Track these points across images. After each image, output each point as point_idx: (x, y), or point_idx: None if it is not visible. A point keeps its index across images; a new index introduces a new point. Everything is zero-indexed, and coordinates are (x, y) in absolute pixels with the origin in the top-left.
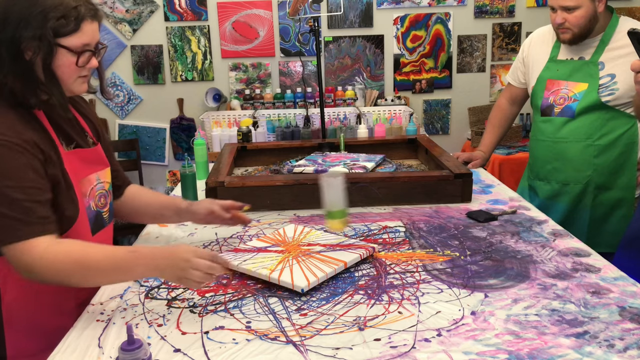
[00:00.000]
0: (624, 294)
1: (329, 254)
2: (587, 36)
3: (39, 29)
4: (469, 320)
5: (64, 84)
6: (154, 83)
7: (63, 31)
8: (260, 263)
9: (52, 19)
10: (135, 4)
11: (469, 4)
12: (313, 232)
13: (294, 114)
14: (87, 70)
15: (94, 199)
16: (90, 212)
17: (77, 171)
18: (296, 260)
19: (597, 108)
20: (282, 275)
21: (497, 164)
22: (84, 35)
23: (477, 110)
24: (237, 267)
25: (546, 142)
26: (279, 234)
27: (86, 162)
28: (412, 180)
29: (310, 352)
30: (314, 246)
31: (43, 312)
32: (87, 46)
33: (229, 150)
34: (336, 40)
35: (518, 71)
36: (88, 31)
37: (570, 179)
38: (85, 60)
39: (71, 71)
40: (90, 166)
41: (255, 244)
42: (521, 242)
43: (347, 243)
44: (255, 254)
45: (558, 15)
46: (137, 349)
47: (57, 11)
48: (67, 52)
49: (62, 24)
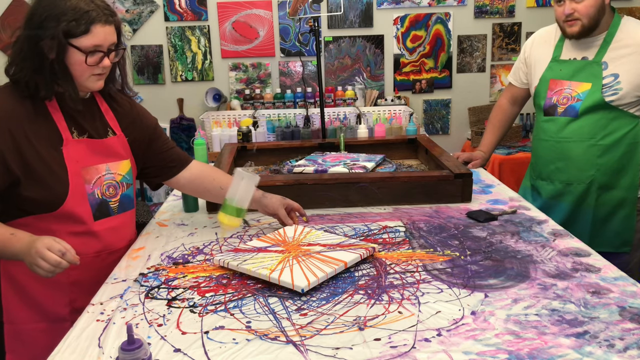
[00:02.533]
0: (624, 294)
1: (329, 254)
2: (594, 29)
3: (53, 29)
4: (469, 320)
5: (77, 80)
6: (154, 83)
7: (74, 32)
8: (260, 263)
9: (65, 21)
10: (135, 4)
11: (469, 4)
12: (313, 232)
13: (294, 114)
14: (100, 69)
15: (100, 187)
16: (94, 199)
17: (82, 158)
18: (296, 260)
19: (600, 108)
20: (282, 275)
21: (497, 164)
22: (94, 37)
23: (477, 110)
24: (237, 268)
25: (549, 141)
26: (279, 234)
27: (96, 152)
28: (412, 180)
29: (310, 352)
30: (314, 246)
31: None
32: (97, 47)
33: (229, 150)
34: (336, 40)
35: (520, 71)
36: (99, 34)
37: (573, 178)
38: (95, 60)
39: (83, 69)
40: (99, 156)
41: (256, 244)
42: (521, 242)
43: (347, 243)
44: (255, 253)
45: (566, 6)
46: (137, 349)
47: (70, 15)
48: (77, 52)
49: (73, 26)
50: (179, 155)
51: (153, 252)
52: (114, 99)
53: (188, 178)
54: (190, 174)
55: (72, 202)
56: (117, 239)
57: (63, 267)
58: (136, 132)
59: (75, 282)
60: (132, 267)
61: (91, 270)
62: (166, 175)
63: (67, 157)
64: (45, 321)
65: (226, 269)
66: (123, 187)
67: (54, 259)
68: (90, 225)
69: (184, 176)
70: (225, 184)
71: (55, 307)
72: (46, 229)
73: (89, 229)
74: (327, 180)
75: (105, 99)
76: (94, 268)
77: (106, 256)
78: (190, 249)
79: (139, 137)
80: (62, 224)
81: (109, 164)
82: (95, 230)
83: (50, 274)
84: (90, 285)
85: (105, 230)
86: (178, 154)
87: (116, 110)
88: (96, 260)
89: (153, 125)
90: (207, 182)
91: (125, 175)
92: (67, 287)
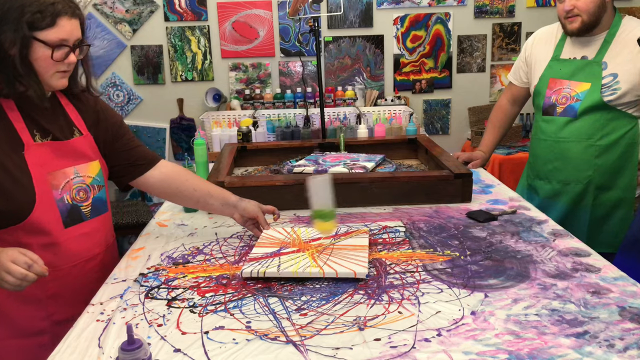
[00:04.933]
0: (624, 294)
1: (342, 243)
2: (594, 26)
3: (15, 22)
4: (469, 320)
5: (41, 77)
6: (154, 83)
7: (38, 25)
8: (296, 264)
9: (28, 12)
10: (135, 4)
11: (469, 4)
12: (299, 230)
13: (294, 114)
14: (65, 65)
15: (69, 192)
16: (63, 205)
17: (47, 162)
18: (319, 256)
19: (599, 108)
20: (328, 270)
21: (497, 163)
22: (60, 30)
23: (477, 110)
24: (280, 274)
25: (547, 141)
26: (273, 237)
27: (61, 154)
28: (412, 180)
29: (310, 352)
30: (316, 240)
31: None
32: (64, 42)
33: (229, 150)
34: (336, 40)
35: (520, 71)
36: (65, 27)
37: (571, 178)
38: (61, 55)
39: (48, 65)
40: (66, 159)
41: (262, 250)
42: (521, 242)
43: (344, 232)
44: (277, 258)
45: (567, 2)
46: (137, 349)
47: (34, 6)
48: (42, 46)
49: (38, 18)
50: (146, 154)
51: (153, 252)
52: (77, 97)
53: (158, 177)
54: (160, 173)
55: (40, 211)
56: (93, 244)
57: (31, 280)
58: (101, 130)
59: (53, 296)
60: (132, 267)
61: (69, 281)
62: (134, 174)
63: (31, 163)
64: (19, 337)
65: (255, 278)
66: (94, 189)
67: (19, 272)
68: (61, 234)
69: (153, 175)
70: (199, 186)
71: (32, 322)
72: (15, 242)
73: (60, 238)
74: None
75: (68, 97)
76: (72, 278)
77: (83, 264)
78: (190, 249)
79: (104, 136)
80: (32, 235)
81: (77, 166)
82: (68, 238)
83: (19, 288)
84: (70, 296)
85: (78, 237)
86: (145, 152)
87: (80, 109)
88: (73, 270)
89: (118, 123)
90: (179, 183)
91: (96, 177)
92: (44, 300)
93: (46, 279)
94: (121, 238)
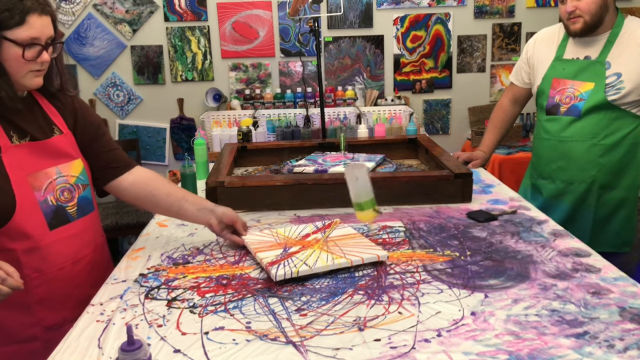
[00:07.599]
0: (624, 295)
1: (332, 237)
2: (597, 26)
3: None
4: (469, 320)
5: (13, 77)
6: (154, 83)
7: (7, 24)
8: (313, 258)
9: None
10: (135, 5)
11: (469, 4)
12: (281, 231)
13: (294, 114)
14: (39, 64)
15: (53, 192)
16: (47, 207)
17: (26, 164)
18: (330, 249)
19: (603, 108)
20: (353, 258)
21: (497, 163)
22: (30, 28)
23: (477, 110)
24: (312, 270)
25: (551, 141)
26: (273, 238)
27: (41, 155)
28: (412, 180)
29: (310, 353)
30: (306, 237)
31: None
32: (35, 40)
33: (229, 150)
34: (336, 41)
35: (522, 71)
36: (35, 25)
37: (575, 178)
38: (32, 54)
39: (19, 65)
40: (47, 159)
41: (270, 254)
42: (521, 242)
43: (321, 226)
44: (296, 255)
45: (568, 4)
46: (137, 349)
47: (1, 4)
48: (13, 45)
49: (7, 16)
50: (123, 157)
51: (153, 252)
52: (55, 95)
53: (131, 181)
54: (134, 177)
55: (21, 214)
56: (81, 246)
57: (5, 294)
58: (78, 130)
59: (40, 301)
60: (132, 267)
61: (58, 285)
62: (109, 177)
63: (9, 165)
64: (8, 344)
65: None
66: (79, 189)
67: None
68: (47, 237)
69: (127, 179)
70: (173, 191)
71: (21, 328)
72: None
73: (46, 241)
74: (327, 180)
75: (46, 96)
76: (60, 282)
77: (71, 267)
78: (190, 250)
79: (81, 136)
80: (16, 241)
81: (59, 166)
82: (54, 240)
83: None
84: (59, 301)
85: (65, 239)
86: (122, 156)
87: (59, 108)
88: (61, 273)
89: (96, 123)
90: (152, 187)
91: (79, 177)
92: (33, 306)
93: (33, 284)
94: (121, 238)
